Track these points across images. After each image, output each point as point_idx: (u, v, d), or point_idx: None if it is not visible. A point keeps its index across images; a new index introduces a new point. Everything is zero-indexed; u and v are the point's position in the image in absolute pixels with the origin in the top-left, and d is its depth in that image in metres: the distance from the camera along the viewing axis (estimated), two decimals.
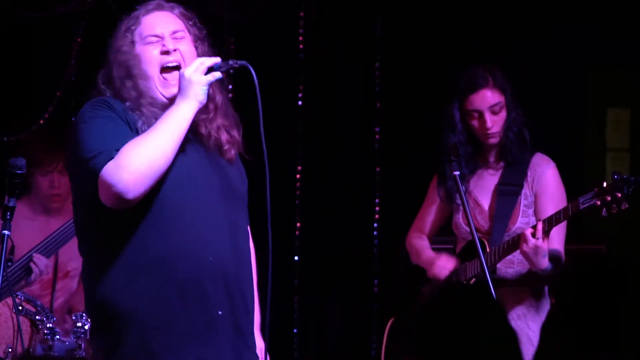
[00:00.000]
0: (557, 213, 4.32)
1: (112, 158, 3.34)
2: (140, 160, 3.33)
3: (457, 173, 4.29)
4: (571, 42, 6.30)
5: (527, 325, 4.51)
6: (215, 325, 3.45)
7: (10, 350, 4.79)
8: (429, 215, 4.86)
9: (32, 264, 4.71)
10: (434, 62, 6.33)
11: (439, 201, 4.78)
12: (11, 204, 3.88)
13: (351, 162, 6.74)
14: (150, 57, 3.52)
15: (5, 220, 3.88)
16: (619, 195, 4.21)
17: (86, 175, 3.37)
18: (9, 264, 4.55)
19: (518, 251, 4.43)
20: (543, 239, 4.31)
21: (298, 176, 6.69)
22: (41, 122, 6.25)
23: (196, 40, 3.60)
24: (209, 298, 3.44)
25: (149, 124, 3.45)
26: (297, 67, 6.67)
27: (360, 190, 6.71)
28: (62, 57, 6.38)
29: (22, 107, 6.34)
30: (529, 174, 4.60)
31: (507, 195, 4.59)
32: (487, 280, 3.99)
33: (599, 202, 4.23)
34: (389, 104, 6.70)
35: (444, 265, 4.67)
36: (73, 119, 3.52)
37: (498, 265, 4.53)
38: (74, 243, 4.99)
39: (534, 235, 4.31)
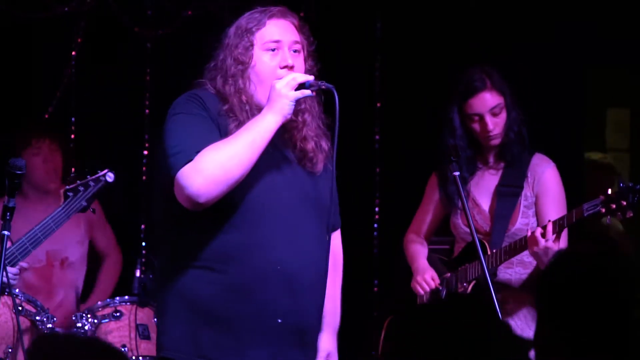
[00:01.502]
0: (561, 219, 4.31)
1: (190, 160, 3.34)
2: (215, 166, 3.33)
3: (457, 173, 4.28)
4: (571, 42, 6.28)
5: (528, 326, 4.51)
6: (274, 332, 3.44)
7: (10, 350, 4.78)
8: (427, 215, 4.85)
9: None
10: (434, 62, 6.32)
11: (436, 201, 4.78)
12: (11, 205, 3.87)
13: (351, 162, 6.73)
14: (268, 66, 3.52)
15: (5, 221, 3.88)
16: (624, 203, 4.20)
17: (166, 169, 3.40)
18: None
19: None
20: (554, 241, 4.30)
21: None
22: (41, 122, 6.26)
23: (308, 55, 3.62)
24: (269, 304, 3.43)
25: None
26: None
27: (360, 190, 6.69)
28: (62, 57, 6.38)
29: (22, 107, 6.33)
30: (529, 174, 4.59)
31: (507, 196, 4.58)
32: (488, 282, 3.98)
33: (603, 210, 4.23)
34: (389, 104, 6.68)
35: (426, 281, 4.68)
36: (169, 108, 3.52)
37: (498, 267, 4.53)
38: (67, 231, 4.96)
39: (543, 235, 4.31)
